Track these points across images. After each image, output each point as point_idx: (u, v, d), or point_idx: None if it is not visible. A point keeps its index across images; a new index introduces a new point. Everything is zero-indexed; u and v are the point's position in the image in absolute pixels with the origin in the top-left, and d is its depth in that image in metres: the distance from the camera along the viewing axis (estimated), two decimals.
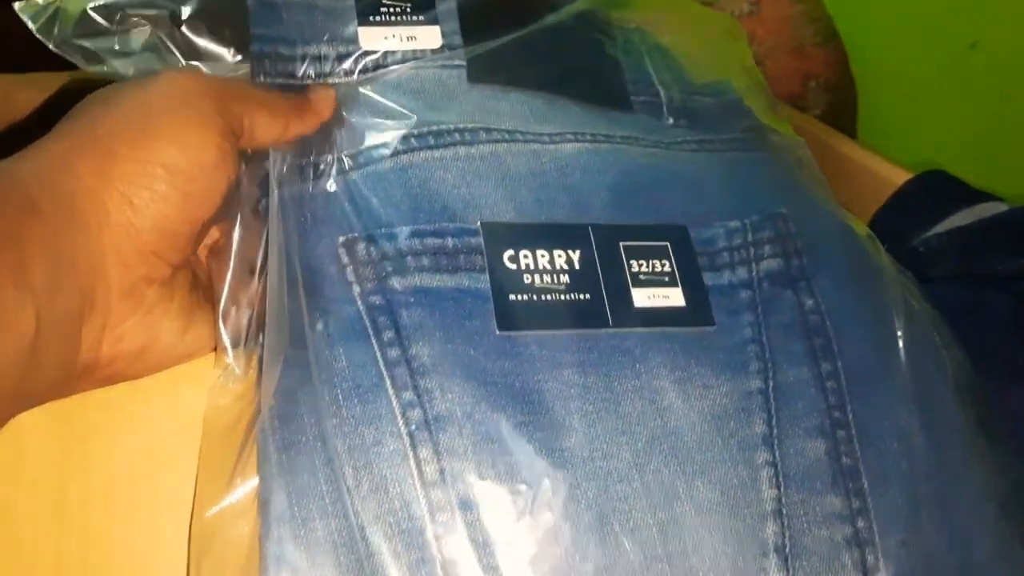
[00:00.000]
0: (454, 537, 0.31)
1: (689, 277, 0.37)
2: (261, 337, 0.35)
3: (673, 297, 0.37)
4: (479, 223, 0.36)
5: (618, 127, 0.41)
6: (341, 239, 0.35)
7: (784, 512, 0.34)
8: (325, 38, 0.40)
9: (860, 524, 0.35)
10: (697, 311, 0.37)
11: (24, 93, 0.62)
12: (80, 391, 0.34)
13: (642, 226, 0.38)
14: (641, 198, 0.39)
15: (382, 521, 0.31)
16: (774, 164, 0.44)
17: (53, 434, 0.36)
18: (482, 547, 0.31)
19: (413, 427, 0.32)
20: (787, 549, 0.34)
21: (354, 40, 0.40)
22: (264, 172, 0.37)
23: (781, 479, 0.35)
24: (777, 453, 0.35)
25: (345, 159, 0.37)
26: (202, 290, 0.36)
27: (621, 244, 0.37)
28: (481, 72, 0.40)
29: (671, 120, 0.43)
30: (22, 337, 0.28)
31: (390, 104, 0.38)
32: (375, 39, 0.40)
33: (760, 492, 0.34)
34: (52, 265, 0.30)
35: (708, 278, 0.38)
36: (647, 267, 0.37)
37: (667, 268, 0.37)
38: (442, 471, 0.32)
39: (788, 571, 0.33)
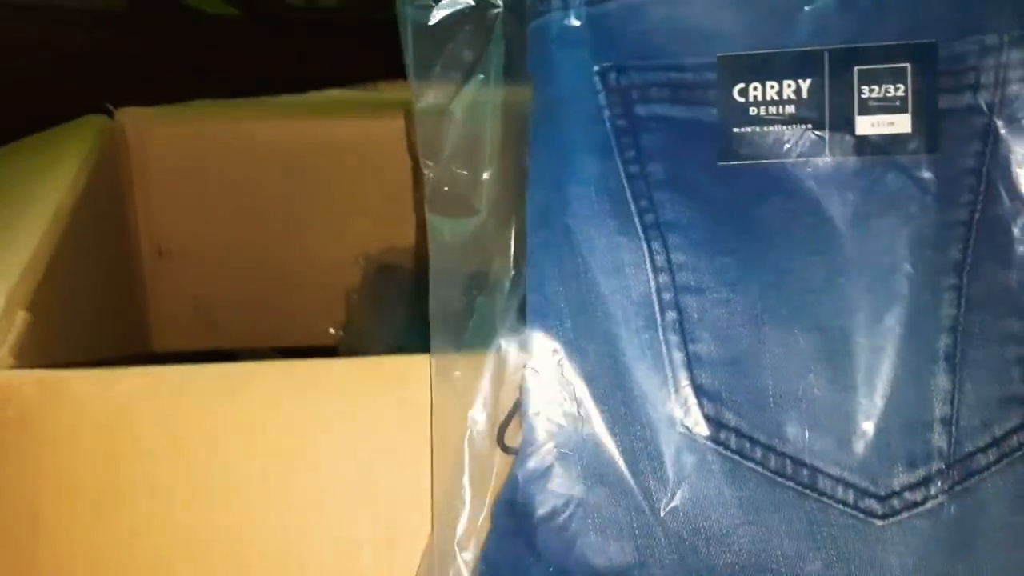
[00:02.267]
0: (672, 312, 0.37)
1: (923, 102, 0.37)
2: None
3: (899, 123, 0.38)
4: (716, 56, 0.39)
5: None
6: (597, 68, 0.40)
7: (960, 328, 0.36)
8: None
9: None
10: (922, 138, 0.37)
11: (155, 125, 0.68)
12: None
13: (884, 47, 0.38)
14: (888, 17, 0.38)
15: (617, 294, 0.38)
16: None
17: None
18: (695, 324, 0.37)
19: (648, 226, 0.38)
20: (957, 358, 0.36)
21: None
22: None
23: (963, 301, 0.36)
24: (965, 279, 0.37)
25: None
26: None
27: (856, 68, 0.38)
28: None
29: None
30: None
31: None
32: None
33: (940, 311, 0.36)
34: None
35: (945, 100, 0.38)
36: (879, 92, 0.38)
37: (900, 92, 0.38)
38: (669, 260, 0.38)
39: (955, 375, 0.36)
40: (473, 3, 0.41)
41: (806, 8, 0.38)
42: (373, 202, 0.73)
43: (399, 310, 0.72)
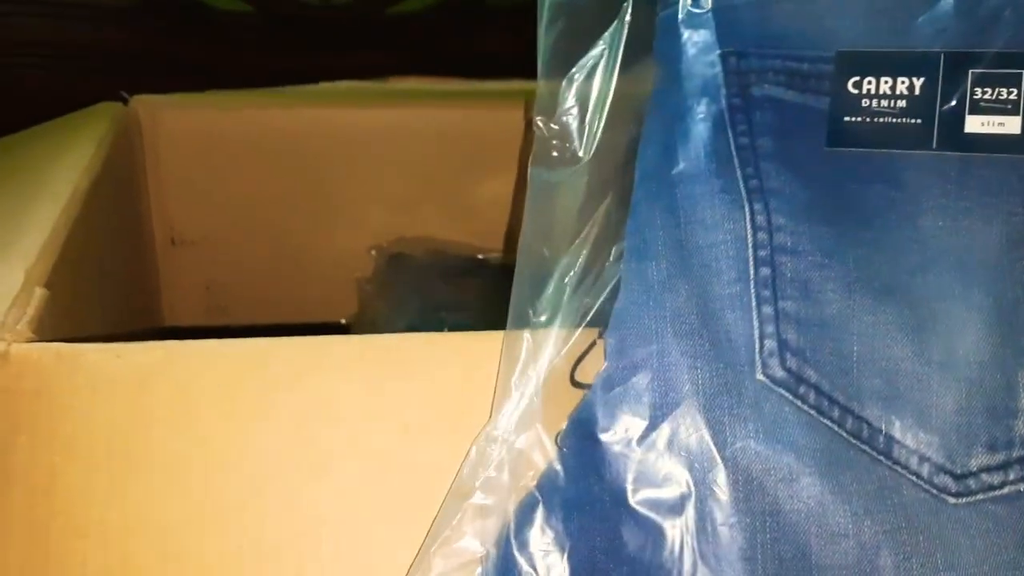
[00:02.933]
0: (766, 269, 0.38)
1: None
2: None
3: (1009, 125, 0.38)
4: (836, 51, 0.41)
5: None
6: (718, 52, 0.42)
7: None
8: None
9: None
10: None
11: (169, 113, 0.68)
12: None
13: (1000, 53, 0.39)
14: (1008, 27, 0.39)
15: (714, 246, 0.39)
16: None
17: None
18: (788, 282, 0.38)
19: (751, 190, 0.40)
20: None
21: None
22: None
23: None
24: None
25: None
26: None
27: (971, 71, 0.39)
28: None
29: None
30: None
31: None
32: None
33: None
34: None
35: None
36: (991, 94, 0.39)
37: (1013, 96, 0.38)
38: (768, 220, 0.39)
39: None
40: None
41: (924, 14, 0.40)
42: (386, 192, 0.74)
43: (411, 300, 0.73)
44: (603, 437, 0.37)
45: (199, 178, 0.71)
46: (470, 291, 0.72)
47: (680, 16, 0.43)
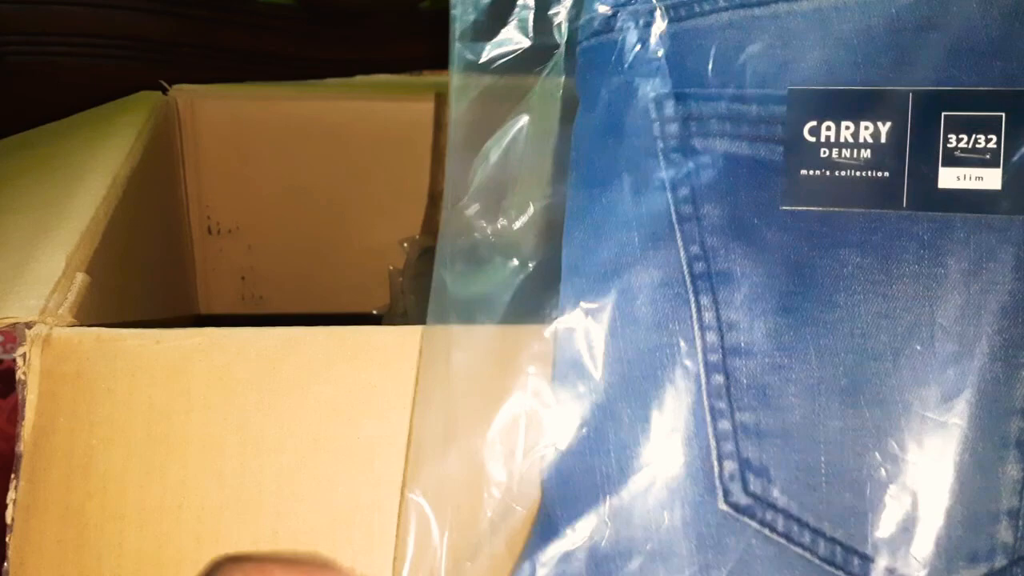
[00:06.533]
0: (719, 376, 0.35)
1: (1016, 156, 0.33)
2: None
3: (988, 179, 0.33)
4: (788, 89, 0.35)
5: None
6: (653, 94, 0.37)
7: None
8: None
9: None
10: (1012, 198, 0.33)
11: (208, 103, 0.69)
12: None
13: (975, 92, 0.34)
14: (983, 59, 0.34)
15: (658, 352, 0.35)
16: None
17: None
18: (744, 390, 0.34)
19: (697, 276, 0.35)
20: None
21: None
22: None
23: None
24: None
25: (665, 9, 0.37)
26: None
27: (943, 114, 0.34)
28: None
29: None
30: None
31: None
32: None
33: (1012, 390, 0.33)
34: None
35: None
36: (967, 142, 0.34)
37: (992, 144, 0.34)
38: (718, 318, 0.35)
39: None
40: (529, 43, 0.39)
41: (887, 43, 0.35)
42: (419, 184, 0.74)
43: None
44: None
45: (236, 168, 0.72)
46: None
47: (607, 52, 0.37)
